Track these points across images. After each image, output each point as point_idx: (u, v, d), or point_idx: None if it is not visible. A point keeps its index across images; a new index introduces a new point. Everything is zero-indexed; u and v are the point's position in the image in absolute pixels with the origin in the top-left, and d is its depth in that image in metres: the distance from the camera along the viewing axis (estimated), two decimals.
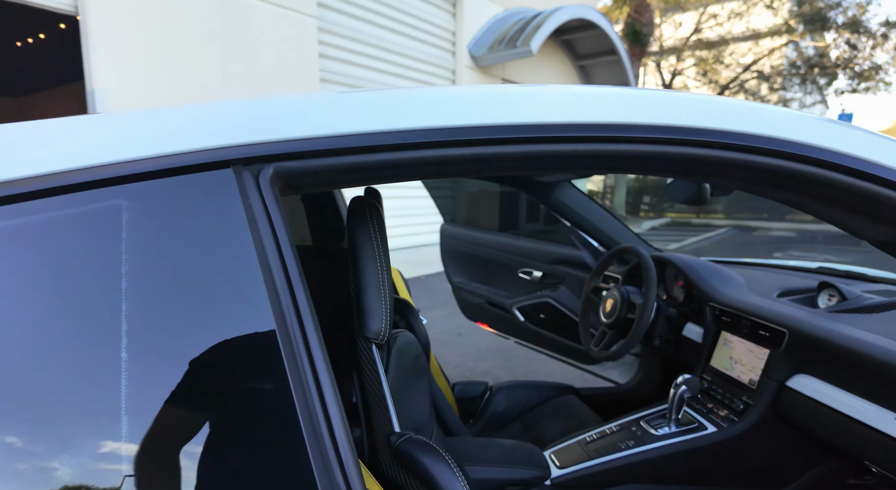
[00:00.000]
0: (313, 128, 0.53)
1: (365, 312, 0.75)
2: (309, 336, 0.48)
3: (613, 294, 1.60)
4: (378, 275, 0.75)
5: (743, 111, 0.57)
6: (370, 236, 0.76)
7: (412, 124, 0.55)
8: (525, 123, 0.56)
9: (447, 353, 3.73)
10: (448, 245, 2.88)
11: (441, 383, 1.81)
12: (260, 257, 0.48)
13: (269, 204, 0.50)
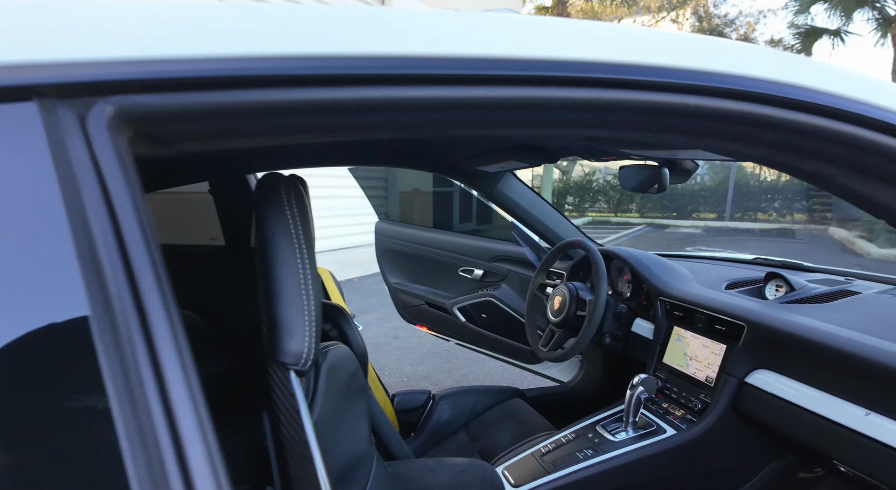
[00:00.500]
0: (189, 43, 0.34)
1: (279, 328, 0.55)
2: (155, 332, 0.29)
3: (561, 291, 1.51)
4: (298, 275, 0.56)
5: None
6: (287, 223, 0.56)
7: (352, 49, 0.38)
8: (518, 58, 0.41)
9: (383, 358, 3.53)
10: (383, 244, 2.69)
11: (379, 396, 1.63)
12: (77, 235, 0.29)
13: (102, 161, 0.30)
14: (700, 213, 13.54)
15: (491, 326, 2.29)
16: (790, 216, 12.55)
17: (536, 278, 1.66)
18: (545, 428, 1.58)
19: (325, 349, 0.84)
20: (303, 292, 0.53)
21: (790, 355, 1.03)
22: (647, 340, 1.44)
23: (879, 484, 0.84)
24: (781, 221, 12.47)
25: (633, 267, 1.53)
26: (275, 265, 0.53)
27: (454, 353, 3.59)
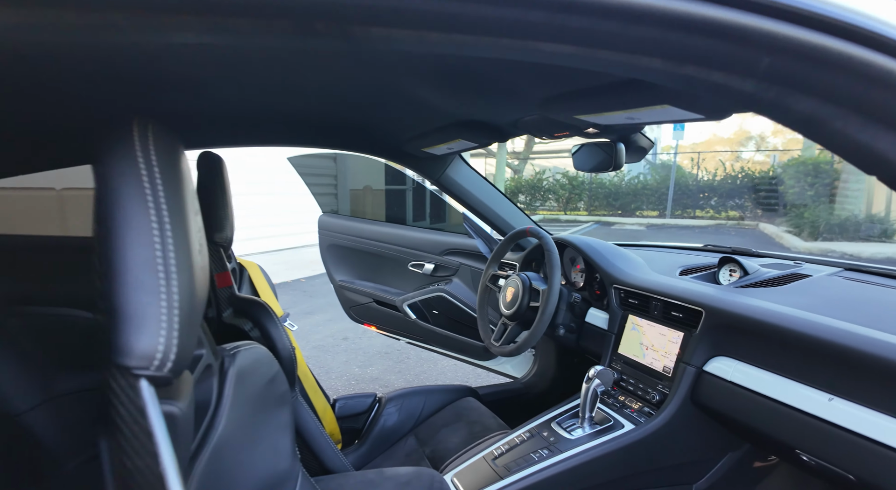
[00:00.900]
0: None
1: (119, 317, 0.38)
2: None
3: (514, 282, 1.42)
4: (152, 245, 0.40)
5: None
6: (136, 172, 0.41)
7: None
8: None
9: (331, 360, 3.35)
10: (328, 239, 2.53)
11: (318, 402, 1.49)
12: None
13: None
14: (643, 211, 14.08)
15: (442, 323, 2.18)
16: (725, 213, 13.28)
17: (488, 270, 1.57)
18: (499, 427, 1.49)
19: (235, 350, 0.70)
20: (159, 269, 0.38)
21: (750, 341, 0.98)
22: (601, 331, 1.38)
23: (844, 473, 0.80)
24: (717, 218, 13.17)
25: (587, 255, 1.47)
26: (114, 230, 0.38)
27: (406, 352, 3.46)
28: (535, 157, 17.66)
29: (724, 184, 13.24)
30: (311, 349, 3.56)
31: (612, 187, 14.21)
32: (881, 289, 1.04)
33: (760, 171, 13.12)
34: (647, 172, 14.90)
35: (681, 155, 15.09)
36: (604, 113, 0.72)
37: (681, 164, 14.71)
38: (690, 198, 13.63)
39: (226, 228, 1.06)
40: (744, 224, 12.16)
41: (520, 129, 1.10)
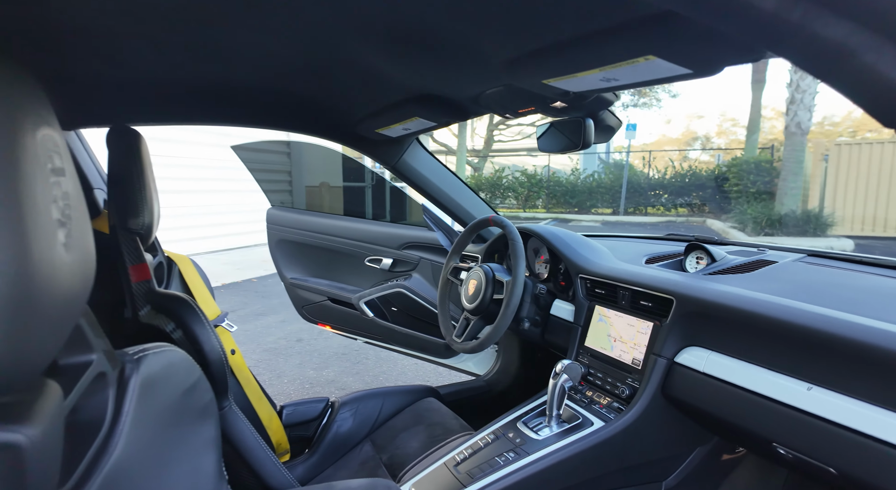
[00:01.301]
0: None
1: None
2: None
3: (476, 274, 1.34)
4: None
5: None
6: None
7: None
8: None
9: (283, 363, 3.17)
10: (277, 234, 2.36)
11: (263, 410, 1.35)
12: None
13: None
14: (598, 209, 14.43)
15: (402, 320, 2.08)
16: (674, 210, 13.80)
17: (449, 262, 1.48)
18: (461, 429, 1.40)
19: (141, 355, 0.57)
20: None
21: (723, 329, 0.93)
22: (567, 323, 1.31)
23: (823, 466, 0.76)
24: (667, 215, 13.67)
25: (552, 244, 1.40)
26: None
27: (364, 352, 3.33)
28: (495, 156, 17.79)
29: (673, 182, 13.76)
30: (262, 352, 3.36)
31: (569, 185, 14.48)
32: (848, 273, 1.03)
33: (707, 170, 13.71)
34: (602, 171, 15.29)
35: (633, 154, 15.57)
36: (577, 74, 0.64)
37: (632, 163, 15.18)
38: (642, 195, 14.09)
39: (142, 214, 0.92)
40: (692, 220, 12.67)
41: (482, 105, 1.01)
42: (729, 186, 12.15)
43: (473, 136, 18.31)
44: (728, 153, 16.41)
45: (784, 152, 10.13)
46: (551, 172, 14.92)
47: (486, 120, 16.83)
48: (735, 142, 26.04)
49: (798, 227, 9.25)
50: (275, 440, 1.42)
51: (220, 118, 1.18)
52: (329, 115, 1.23)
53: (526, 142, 17.35)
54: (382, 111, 1.15)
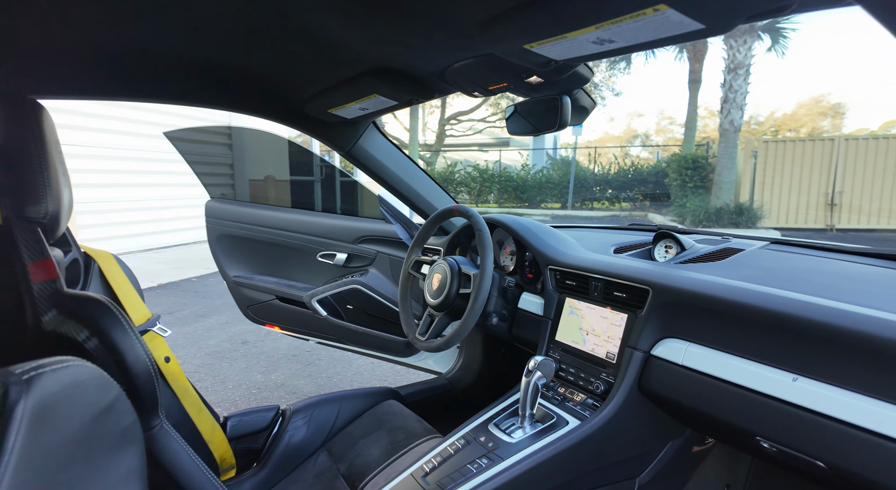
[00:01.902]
0: None
1: None
2: None
3: (441, 267, 1.25)
4: None
5: None
6: None
7: None
8: None
9: (227, 368, 2.95)
10: (218, 228, 2.17)
11: (202, 423, 1.21)
12: None
13: None
14: (548, 203, 14.74)
15: (358, 319, 1.96)
16: (618, 204, 14.32)
17: (410, 255, 1.38)
18: (425, 432, 1.32)
19: (33, 375, 0.44)
20: None
21: (702, 320, 0.90)
22: (536, 317, 1.25)
23: (811, 460, 0.73)
24: (612, 209, 14.17)
25: (519, 234, 1.34)
26: None
27: (316, 353, 3.17)
28: (448, 150, 17.75)
29: (617, 177, 14.26)
30: (203, 357, 3.12)
31: (520, 180, 14.68)
32: (814, 259, 1.02)
33: (648, 166, 14.31)
34: (550, 167, 15.62)
35: (579, 150, 16.00)
36: (567, 35, 0.57)
37: (578, 160, 15.59)
38: (588, 190, 14.52)
39: (44, 200, 0.76)
40: (634, 214, 13.19)
41: (448, 81, 0.92)
42: (669, 181, 12.73)
43: (425, 131, 18.18)
44: (666, 150, 17.22)
45: (718, 149, 10.73)
46: (503, 168, 15.07)
47: (437, 114, 16.75)
48: (672, 139, 27.38)
49: (732, 220, 9.83)
50: (218, 456, 1.28)
51: (142, 93, 1.02)
52: (274, 92, 1.10)
53: (477, 137, 17.41)
54: (336, 87, 1.03)
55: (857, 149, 9.82)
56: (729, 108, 10.34)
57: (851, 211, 9.92)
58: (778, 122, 29.76)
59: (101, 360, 0.75)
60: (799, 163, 10.13)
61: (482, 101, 16.04)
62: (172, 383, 1.19)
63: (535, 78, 0.82)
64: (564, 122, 0.89)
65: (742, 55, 10.28)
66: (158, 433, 0.85)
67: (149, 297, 4.51)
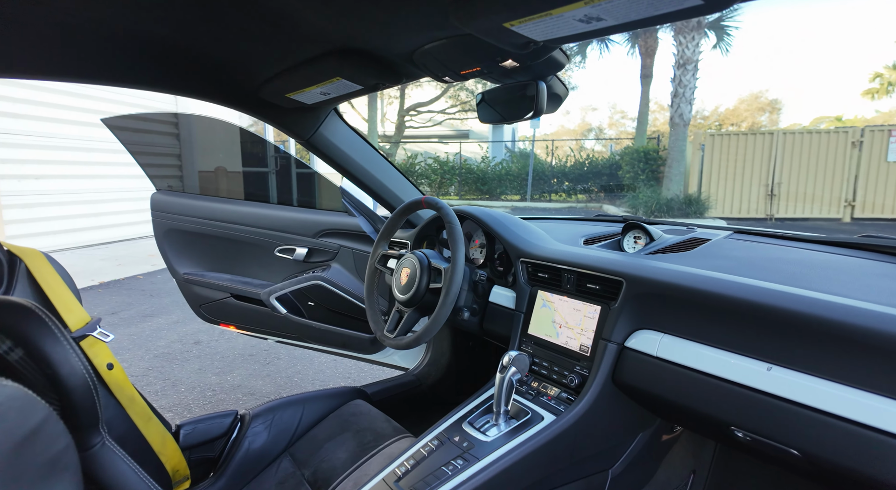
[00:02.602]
0: None
1: None
2: None
3: (410, 262, 1.20)
4: None
5: None
6: None
7: None
8: None
9: (179, 370, 2.79)
10: (166, 223, 2.03)
11: (152, 434, 1.11)
12: None
13: None
14: (507, 195, 14.89)
15: (320, 316, 1.88)
16: (574, 196, 14.65)
17: (377, 249, 1.32)
18: (395, 432, 1.27)
19: None
20: None
21: (676, 310, 0.90)
22: (507, 311, 1.23)
23: (786, 448, 0.74)
24: (568, 201, 14.48)
25: (489, 227, 1.30)
26: None
27: (274, 352, 3.05)
28: (407, 142, 17.56)
29: (573, 170, 14.57)
30: (152, 359, 2.94)
31: (480, 173, 14.73)
32: (779, 248, 1.05)
33: (602, 159, 14.69)
34: (509, 159, 15.76)
35: (536, 143, 16.22)
36: (552, 11, 0.53)
37: (536, 152, 15.80)
38: (546, 183, 14.77)
39: None
40: (590, 206, 13.53)
41: (417, 64, 0.87)
42: (622, 174, 13.12)
43: (384, 122, 17.90)
44: (619, 143, 17.74)
45: (669, 142, 11.15)
46: (463, 160, 15.06)
47: (396, 105, 16.51)
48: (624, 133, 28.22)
49: (682, 211, 10.26)
50: (170, 467, 1.19)
51: (77, 74, 0.91)
52: (225, 74, 1.01)
53: (437, 128, 17.32)
54: (295, 70, 0.95)
55: (794, 142, 10.45)
56: (679, 103, 10.74)
57: (788, 201, 10.57)
58: (721, 116, 31.28)
59: (28, 375, 0.66)
60: (742, 155, 10.67)
61: (442, 92, 15.95)
62: (117, 392, 1.09)
63: (510, 62, 0.78)
64: (540, 109, 0.85)
65: (690, 51, 10.68)
66: (99, 452, 0.77)
67: (89, 297, 4.21)
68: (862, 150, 10.14)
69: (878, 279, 0.82)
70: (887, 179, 10.10)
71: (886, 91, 20.49)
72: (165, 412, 2.30)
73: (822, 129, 12.53)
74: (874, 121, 24.48)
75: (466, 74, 0.86)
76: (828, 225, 9.95)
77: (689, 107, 10.75)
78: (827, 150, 10.31)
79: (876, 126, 10.43)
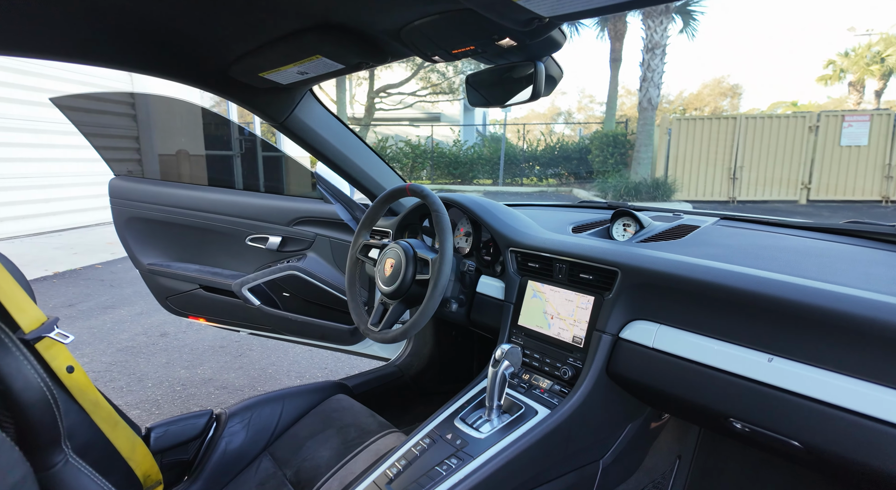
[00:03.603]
0: None
1: None
2: None
3: (394, 252, 1.15)
4: None
5: None
6: None
7: None
8: None
9: (145, 364, 2.67)
10: (126, 211, 1.90)
11: (120, 440, 1.04)
12: None
13: None
14: (480, 180, 14.87)
15: (297, 307, 1.81)
16: (546, 180, 14.75)
17: (358, 239, 1.26)
18: (380, 428, 1.23)
19: None
20: None
21: (674, 301, 0.88)
22: (496, 301, 1.20)
23: (786, 439, 0.74)
24: (539, 185, 14.58)
25: (477, 215, 1.26)
26: None
27: (247, 343, 2.95)
28: (378, 125, 17.22)
29: (544, 154, 14.64)
30: (116, 353, 2.80)
31: (452, 157, 14.62)
32: (770, 235, 1.04)
33: (573, 143, 14.81)
34: (481, 143, 15.70)
35: (507, 127, 16.19)
36: None
37: (507, 137, 15.78)
38: (517, 167, 14.80)
39: None
40: (561, 190, 13.67)
41: (405, 42, 0.80)
42: (591, 158, 13.27)
43: (353, 104, 17.46)
44: (588, 128, 17.92)
45: (637, 126, 11.30)
46: (435, 143, 14.90)
47: (366, 86, 16.10)
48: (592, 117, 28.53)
49: (649, 194, 10.48)
50: (141, 473, 1.11)
51: (27, 47, 0.81)
52: (193, 50, 0.92)
53: (408, 111, 17.03)
54: (271, 47, 0.87)
55: (755, 127, 10.77)
56: (647, 87, 10.87)
57: (749, 184, 10.94)
58: (685, 101, 31.98)
59: None
60: (707, 140, 10.94)
61: (413, 74, 15.64)
62: (79, 397, 1.01)
63: (507, 41, 0.73)
64: (539, 92, 0.81)
65: (659, 36, 10.79)
66: (62, 470, 0.70)
67: (43, 288, 3.97)
68: (818, 135, 10.55)
69: (875, 267, 0.82)
70: (840, 163, 10.58)
71: (839, 77, 21.39)
72: (132, 409, 2.20)
73: (781, 114, 12.95)
74: (826, 106, 25.54)
75: (458, 54, 0.80)
76: (786, 207, 10.37)
77: (658, 91, 10.90)
78: (786, 135, 10.68)
79: (831, 112, 10.86)
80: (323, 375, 2.57)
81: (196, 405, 2.25)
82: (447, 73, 15.97)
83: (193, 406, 2.24)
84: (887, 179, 10.40)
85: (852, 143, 10.46)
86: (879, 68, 19.92)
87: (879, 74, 20.14)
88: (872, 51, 20.05)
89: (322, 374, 2.58)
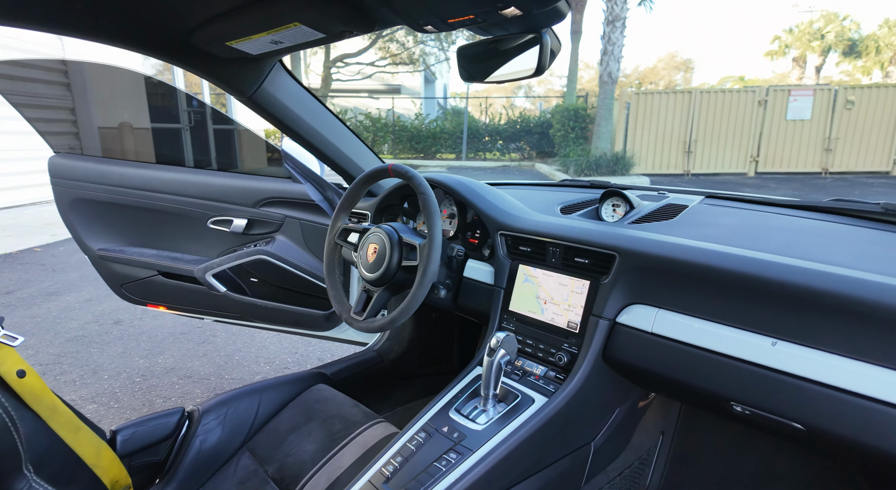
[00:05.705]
0: None
1: None
2: None
3: (378, 237, 1.08)
4: None
5: None
6: None
7: None
8: None
9: (99, 355, 2.50)
10: (70, 192, 1.73)
11: (82, 445, 0.95)
12: None
13: None
14: (443, 154, 14.68)
15: (266, 293, 1.72)
16: (508, 155, 14.74)
17: (336, 222, 1.18)
18: (365, 418, 1.19)
19: None
20: None
21: (673, 284, 0.87)
22: (485, 286, 1.16)
23: (789, 422, 0.74)
24: (502, 160, 14.57)
25: (464, 196, 1.21)
26: None
27: (210, 329, 2.82)
28: (335, 96, 16.58)
29: (506, 128, 14.58)
30: (64, 343, 2.61)
31: (414, 130, 14.32)
32: (763, 214, 1.04)
33: (534, 117, 14.80)
34: (443, 116, 15.45)
35: (469, 101, 15.98)
36: None
37: (469, 111, 15.59)
38: (480, 141, 14.69)
39: None
40: (523, 164, 13.72)
41: (395, 9, 0.72)
42: (553, 132, 13.33)
43: (308, 73, 16.70)
44: (548, 102, 17.93)
45: (598, 100, 11.40)
46: (396, 117, 14.54)
47: (321, 55, 15.40)
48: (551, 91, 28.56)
49: (609, 168, 10.67)
50: (108, 479, 1.03)
51: None
52: (149, 14, 0.80)
53: (367, 82, 16.46)
54: (241, 12, 0.77)
55: (708, 101, 11.09)
56: (608, 60, 10.92)
57: (703, 157, 11.33)
58: (641, 74, 32.52)
59: None
60: (664, 114, 11.18)
61: (371, 43, 15.06)
62: (33, 403, 0.91)
63: (512, 9, 0.66)
64: (543, 67, 0.75)
65: (619, 8, 10.79)
66: None
67: None
68: (766, 109, 10.98)
69: (871, 246, 0.83)
70: (785, 136, 11.09)
71: (783, 53, 22.28)
72: (88, 404, 2.06)
73: (731, 88, 13.37)
74: (771, 81, 26.59)
75: (454, 23, 0.73)
76: (735, 179, 10.82)
77: (618, 65, 10.98)
78: (737, 109, 11.06)
79: (779, 86, 11.30)
80: (294, 361, 2.49)
81: (158, 397, 2.13)
82: (407, 43, 15.48)
83: (156, 398, 2.12)
84: (827, 152, 11.01)
85: (797, 118, 10.97)
86: (820, 44, 20.86)
87: (819, 50, 21.11)
88: (814, 27, 20.92)
89: (293, 360, 2.50)
